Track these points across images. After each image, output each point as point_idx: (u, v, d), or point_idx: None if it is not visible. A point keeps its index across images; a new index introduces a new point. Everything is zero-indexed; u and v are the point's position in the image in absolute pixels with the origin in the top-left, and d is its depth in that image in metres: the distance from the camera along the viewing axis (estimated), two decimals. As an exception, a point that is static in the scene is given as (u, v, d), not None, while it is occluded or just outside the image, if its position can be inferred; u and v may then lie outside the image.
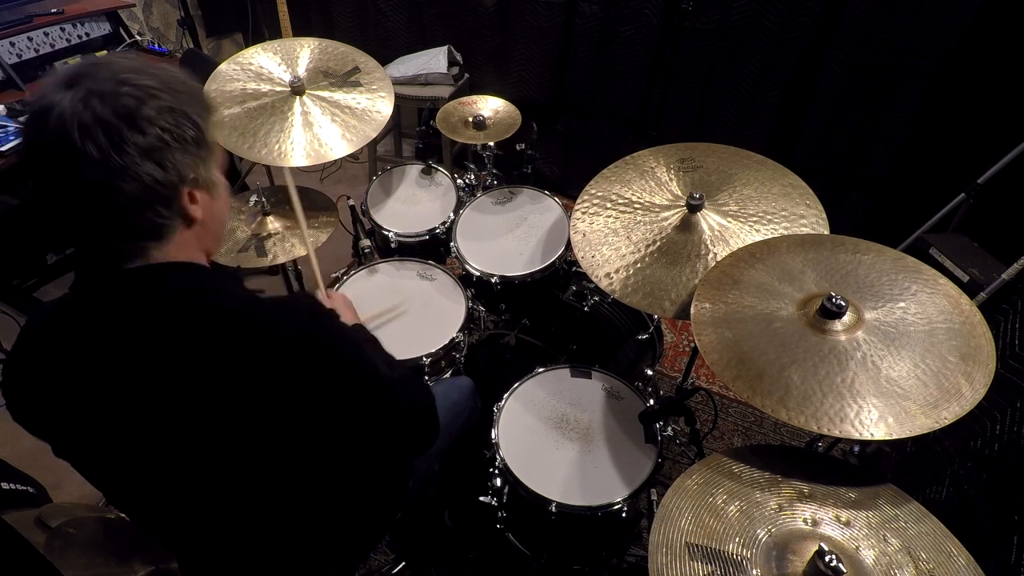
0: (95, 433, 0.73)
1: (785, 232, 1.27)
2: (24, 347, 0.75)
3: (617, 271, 1.31)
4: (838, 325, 0.98)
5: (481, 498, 1.37)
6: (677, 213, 1.35)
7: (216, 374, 0.69)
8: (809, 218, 1.28)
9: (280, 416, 0.72)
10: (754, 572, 0.83)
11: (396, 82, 2.74)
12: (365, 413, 0.81)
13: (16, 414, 0.77)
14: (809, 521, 0.89)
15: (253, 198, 1.66)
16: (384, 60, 2.58)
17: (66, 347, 0.72)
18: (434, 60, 2.80)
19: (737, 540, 0.86)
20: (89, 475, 0.80)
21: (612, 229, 1.37)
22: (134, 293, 0.69)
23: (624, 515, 1.22)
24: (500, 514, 1.41)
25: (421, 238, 1.85)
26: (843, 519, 0.89)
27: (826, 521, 0.89)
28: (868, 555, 0.85)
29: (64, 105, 0.62)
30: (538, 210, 1.87)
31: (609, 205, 1.42)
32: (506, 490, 1.34)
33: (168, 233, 0.71)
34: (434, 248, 1.90)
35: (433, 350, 1.51)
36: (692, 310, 1.09)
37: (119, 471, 0.77)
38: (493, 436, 1.34)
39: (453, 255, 1.80)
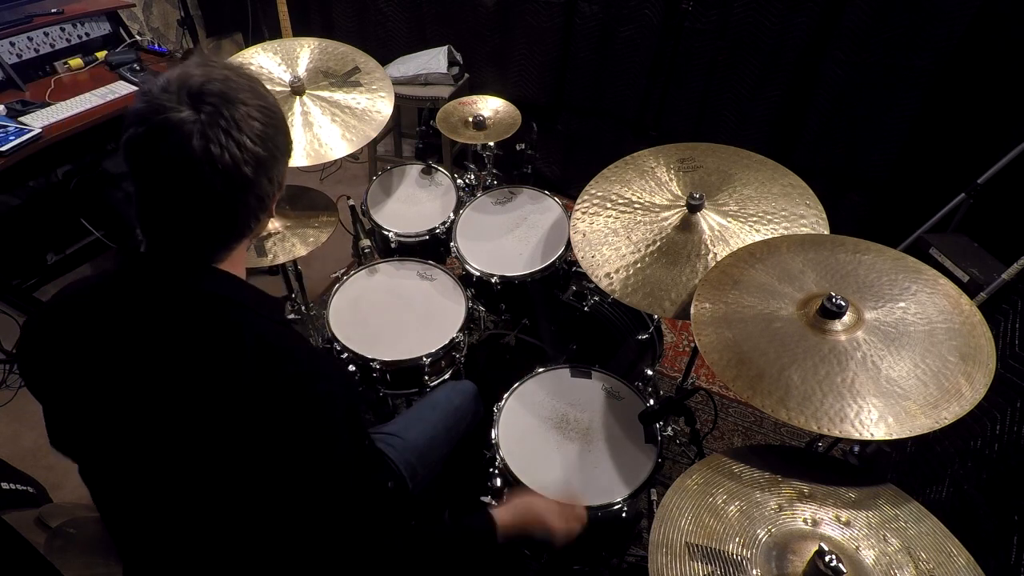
0: (94, 407, 0.74)
1: (785, 232, 1.27)
2: (57, 314, 0.77)
3: (617, 271, 1.31)
4: (838, 325, 0.98)
5: (481, 498, 1.37)
6: (677, 213, 1.35)
7: (217, 380, 0.70)
8: (809, 218, 1.28)
9: (240, 436, 0.70)
10: (754, 572, 0.83)
11: (396, 82, 2.74)
12: (310, 474, 0.73)
13: (28, 374, 0.79)
14: (809, 521, 0.89)
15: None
16: (384, 60, 2.58)
17: (106, 326, 0.73)
18: (434, 60, 2.80)
19: (737, 540, 0.86)
20: (72, 445, 0.79)
21: (612, 229, 1.37)
22: (206, 286, 0.74)
23: (624, 515, 1.22)
24: (500, 514, 1.41)
25: (421, 238, 1.85)
26: (843, 519, 0.89)
27: (826, 521, 0.89)
28: (868, 555, 0.85)
29: (191, 124, 0.66)
30: (538, 210, 1.87)
31: (609, 205, 1.42)
32: (506, 490, 1.34)
33: (246, 235, 0.78)
34: (434, 248, 1.90)
35: (433, 350, 1.50)
36: (692, 310, 1.09)
37: (99, 451, 0.76)
38: (493, 436, 1.34)
39: (453, 255, 1.80)
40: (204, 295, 0.74)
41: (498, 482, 1.32)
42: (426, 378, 1.54)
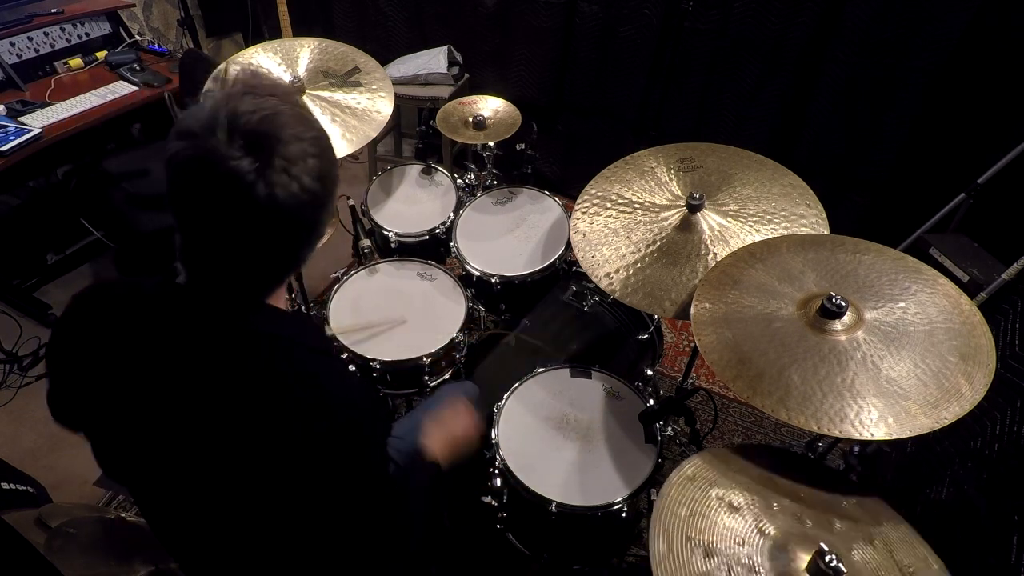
0: (149, 442, 0.73)
1: (785, 232, 1.27)
2: (92, 324, 0.76)
3: (617, 271, 1.31)
4: (838, 325, 0.98)
5: (481, 498, 1.37)
6: (677, 213, 1.35)
7: (263, 415, 0.70)
8: (809, 218, 1.28)
9: (288, 466, 0.72)
10: (755, 571, 0.83)
11: (396, 82, 2.74)
12: (355, 493, 0.78)
13: (58, 379, 0.78)
14: (807, 522, 0.89)
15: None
16: (384, 60, 2.58)
17: (144, 342, 0.72)
18: (434, 60, 2.80)
19: (737, 540, 0.86)
20: (119, 475, 0.80)
21: (612, 229, 1.37)
22: (254, 324, 0.73)
23: (624, 515, 1.22)
24: (500, 514, 1.41)
25: (421, 238, 1.85)
26: (834, 524, 0.90)
27: (820, 524, 0.89)
28: (857, 556, 0.86)
29: (252, 174, 0.62)
30: (538, 210, 1.87)
31: (609, 205, 1.42)
32: (506, 490, 1.34)
33: (300, 267, 0.77)
34: (434, 248, 1.90)
35: (433, 350, 1.50)
36: (692, 310, 1.09)
37: (148, 477, 0.77)
38: (493, 436, 1.34)
39: (453, 255, 1.80)
40: (260, 335, 0.73)
41: (498, 482, 1.32)
42: (426, 378, 1.54)
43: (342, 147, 1.58)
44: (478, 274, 1.70)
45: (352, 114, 1.64)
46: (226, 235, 0.66)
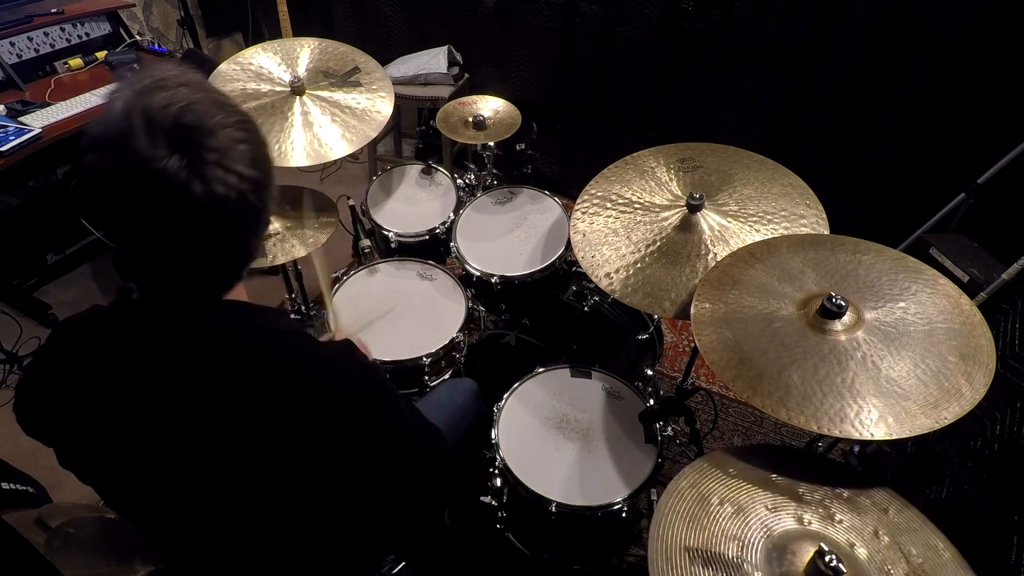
0: (122, 454, 0.73)
1: (785, 232, 1.27)
2: (58, 358, 0.74)
3: (617, 271, 1.31)
4: (838, 325, 0.98)
5: (481, 498, 1.37)
6: (677, 213, 1.35)
7: (262, 410, 0.70)
8: (809, 218, 1.28)
9: (308, 456, 0.73)
10: (754, 574, 0.83)
11: (396, 82, 2.74)
12: (389, 459, 0.84)
13: (26, 419, 0.76)
14: (806, 521, 0.89)
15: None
16: (384, 60, 2.58)
17: (110, 361, 0.71)
18: (434, 60, 2.80)
19: (736, 543, 0.86)
20: (103, 491, 0.80)
21: (612, 229, 1.37)
22: (217, 322, 0.70)
23: (624, 515, 1.22)
24: (500, 514, 1.41)
25: (421, 238, 1.85)
26: (837, 518, 0.89)
27: (821, 520, 0.89)
28: (862, 552, 0.85)
29: (183, 171, 0.58)
30: (538, 210, 1.87)
31: (609, 205, 1.42)
32: (506, 490, 1.34)
33: (255, 259, 0.73)
34: (434, 248, 1.90)
35: (433, 350, 1.50)
36: (692, 310, 1.09)
37: (140, 492, 0.77)
38: (493, 436, 1.34)
39: (453, 255, 1.80)
40: (228, 332, 0.70)
41: (498, 482, 1.32)
42: (426, 378, 1.54)
43: (342, 147, 1.58)
44: (478, 274, 1.70)
45: (352, 114, 1.64)
46: (169, 242, 0.62)
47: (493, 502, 1.37)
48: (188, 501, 0.75)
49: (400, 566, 1.58)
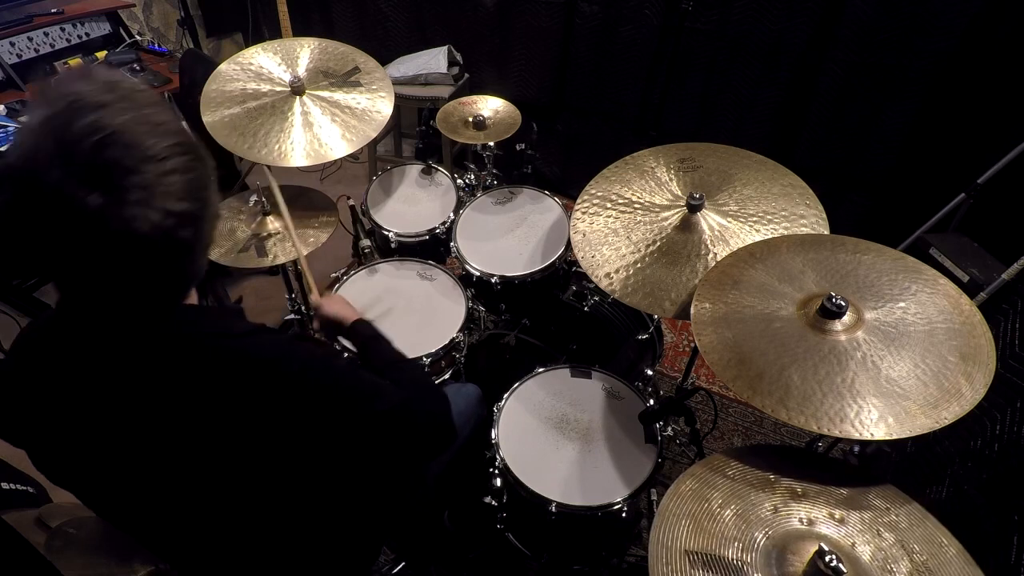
0: (91, 460, 0.73)
1: (785, 232, 1.27)
2: (20, 366, 0.73)
3: (617, 271, 1.31)
4: (838, 325, 0.98)
5: (482, 498, 1.37)
6: (677, 213, 1.35)
7: (217, 413, 0.69)
8: (809, 218, 1.28)
9: (274, 456, 0.73)
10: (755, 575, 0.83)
11: (396, 82, 2.74)
12: (363, 444, 0.81)
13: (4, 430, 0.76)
14: (805, 521, 0.89)
15: (253, 198, 1.66)
16: (384, 60, 2.58)
17: (71, 372, 0.69)
18: (434, 60, 2.80)
19: (736, 544, 0.86)
20: (84, 497, 0.80)
21: (612, 229, 1.37)
22: (166, 331, 0.68)
23: (624, 515, 1.22)
24: (500, 514, 1.41)
25: (421, 238, 1.85)
26: (837, 517, 0.89)
27: (821, 520, 0.89)
28: (864, 551, 0.85)
29: (104, 209, 0.54)
30: (538, 210, 1.87)
31: (609, 205, 1.42)
32: (506, 490, 1.34)
33: (200, 277, 0.71)
34: (434, 248, 1.90)
35: (433, 350, 1.50)
36: (692, 310, 1.09)
37: (115, 496, 0.78)
38: (493, 436, 1.34)
39: (453, 255, 1.80)
40: (179, 338, 0.68)
41: (498, 482, 1.32)
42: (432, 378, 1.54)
43: (342, 147, 1.58)
44: (478, 274, 1.70)
45: (352, 114, 1.64)
46: (92, 278, 0.60)
47: (493, 502, 1.37)
48: (152, 500, 0.75)
49: (400, 566, 1.58)
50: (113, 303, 0.64)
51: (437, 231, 1.85)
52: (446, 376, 1.59)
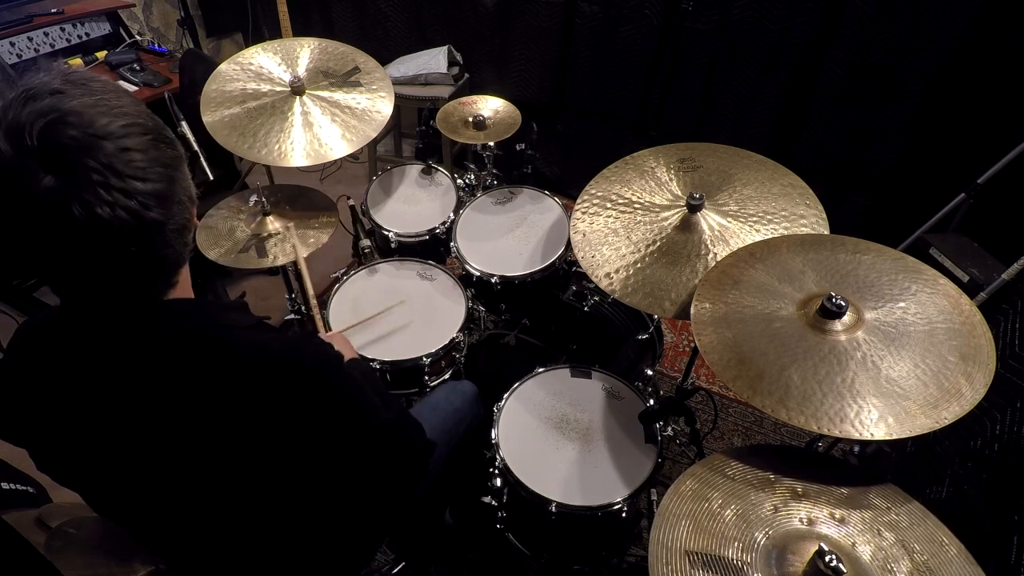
0: (93, 458, 0.73)
1: (785, 232, 1.27)
2: (17, 364, 0.73)
3: (617, 271, 1.31)
4: (838, 325, 0.98)
5: (481, 498, 1.37)
6: (677, 213, 1.35)
7: (222, 409, 0.69)
8: (809, 218, 1.28)
9: (276, 454, 0.73)
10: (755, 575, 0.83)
11: (396, 82, 2.74)
12: (361, 453, 0.83)
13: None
14: (805, 520, 0.89)
15: (253, 198, 1.66)
16: (384, 60, 2.58)
17: (69, 370, 0.69)
18: (434, 60, 2.80)
19: (736, 544, 0.86)
20: (85, 495, 0.81)
21: (612, 229, 1.37)
22: (164, 325, 0.67)
23: (624, 515, 1.22)
24: (500, 514, 1.41)
25: (421, 238, 1.85)
26: (838, 516, 0.89)
27: (822, 519, 0.89)
28: (865, 551, 0.85)
29: (60, 193, 0.53)
30: (538, 210, 1.87)
31: (609, 205, 1.42)
32: (506, 490, 1.34)
33: (185, 261, 0.70)
34: (434, 248, 1.90)
35: (433, 350, 1.50)
36: (692, 310, 1.09)
37: (118, 493, 0.78)
38: (493, 436, 1.34)
39: (453, 255, 1.80)
40: (178, 332, 0.68)
41: (498, 482, 1.32)
42: (426, 378, 1.54)
43: (342, 147, 1.58)
44: (478, 274, 1.70)
45: (352, 114, 1.64)
46: (61, 263, 0.59)
47: (493, 502, 1.37)
48: (156, 497, 0.76)
49: (400, 566, 1.59)
50: (94, 293, 0.63)
51: (437, 231, 1.85)
52: (446, 376, 1.59)
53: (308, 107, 1.63)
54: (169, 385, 0.68)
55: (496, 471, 1.32)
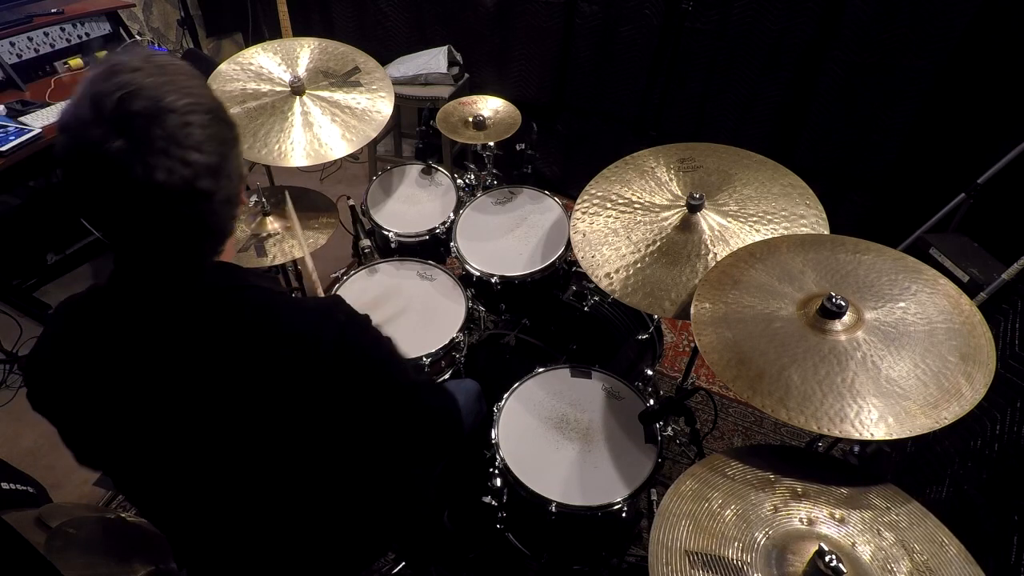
0: (132, 423, 0.74)
1: (785, 232, 1.27)
2: (61, 335, 0.76)
3: (617, 271, 1.31)
4: (838, 325, 0.98)
5: (482, 498, 1.37)
6: (677, 213, 1.35)
7: (262, 363, 0.72)
8: (809, 218, 1.28)
9: (310, 416, 0.75)
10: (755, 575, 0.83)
11: (396, 82, 2.74)
12: (394, 416, 0.85)
13: (36, 397, 0.78)
14: (805, 520, 0.89)
15: (253, 198, 1.66)
16: (384, 60, 2.58)
17: (114, 332, 0.72)
18: (434, 60, 2.80)
19: (736, 544, 0.86)
20: (103, 464, 0.82)
21: (612, 229, 1.37)
22: (209, 279, 0.73)
23: (624, 515, 1.22)
24: (500, 514, 1.41)
25: (421, 238, 1.85)
26: (838, 516, 0.89)
27: (822, 519, 0.89)
28: (865, 551, 0.85)
29: (126, 155, 0.60)
30: (538, 210, 1.87)
31: (609, 205, 1.42)
32: (506, 490, 1.34)
33: (228, 235, 0.75)
34: (434, 248, 1.90)
35: (433, 350, 1.50)
36: (692, 310, 1.09)
37: (139, 460, 0.78)
38: (493, 436, 1.34)
39: (453, 255, 1.80)
40: (214, 291, 0.72)
41: (498, 482, 1.32)
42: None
43: (342, 147, 1.58)
44: (478, 274, 1.70)
45: (352, 114, 1.64)
46: (124, 220, 0.65)
47: (493, 502, 1.37)
48: (192, 468, 0.76)
49: (400, 566, 1.58)
50: (147, 248, 0.69)
51: (437, 231, 1.85)
52: (446, 376, 1.59)
53: (308, 107, 1.63)
54: (212, 338, 0.71)
55: (496, 471, 1.32)
